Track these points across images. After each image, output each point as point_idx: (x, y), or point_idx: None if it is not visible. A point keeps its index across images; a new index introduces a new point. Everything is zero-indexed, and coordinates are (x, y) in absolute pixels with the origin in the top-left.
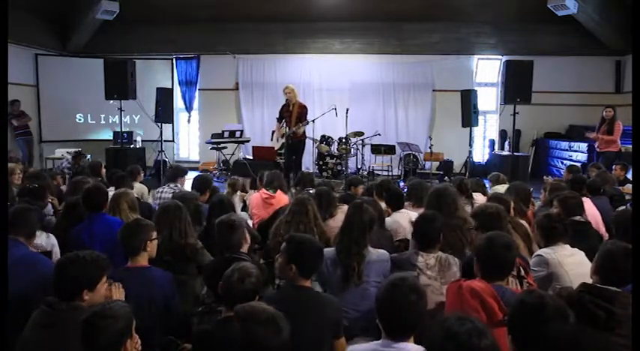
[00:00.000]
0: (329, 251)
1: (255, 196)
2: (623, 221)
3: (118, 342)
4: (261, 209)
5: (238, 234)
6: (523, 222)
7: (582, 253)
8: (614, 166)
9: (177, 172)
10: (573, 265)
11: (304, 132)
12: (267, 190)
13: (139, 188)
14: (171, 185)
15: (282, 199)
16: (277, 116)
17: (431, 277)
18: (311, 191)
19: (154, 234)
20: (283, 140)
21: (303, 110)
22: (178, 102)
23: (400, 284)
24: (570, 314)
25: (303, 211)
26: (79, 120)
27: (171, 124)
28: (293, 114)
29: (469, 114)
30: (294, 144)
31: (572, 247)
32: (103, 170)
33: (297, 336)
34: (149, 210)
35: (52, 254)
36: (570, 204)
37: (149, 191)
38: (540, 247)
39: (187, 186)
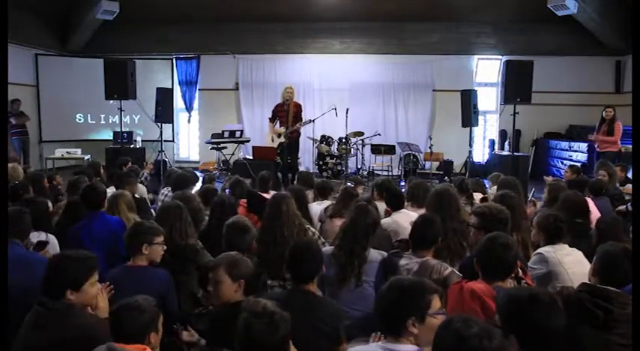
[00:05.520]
0: (328, 250)
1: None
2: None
3: (141, 333)
4: None
5: (249, 237)
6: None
7: (580, 252)
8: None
9: (187, 180)
10: (572, 263)
11: (298, 130)
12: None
13: (138, 188)
14: None
15: None
16: (270, 116)
17: None
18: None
19: (156, 239)
20: (281, 139)
21: (298, 109)
22: (178, 102)
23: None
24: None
25: (278, 212)
26: (79, 120)
27: (171, 124)
28: (290, 113)
29: (469, 114)
30: (291, 144)
31: (571, 247)
32: (102, 170)
33: (293, 338)
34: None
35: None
36: (573, 205)
37: (148, 191)
38: (540, 246)
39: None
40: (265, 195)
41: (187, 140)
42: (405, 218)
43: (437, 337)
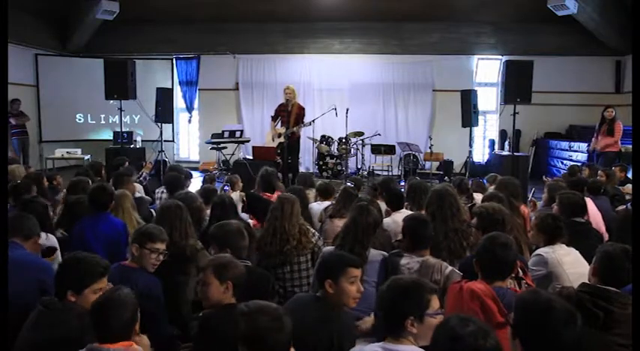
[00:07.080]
0: (328, 250)
1: None
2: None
3: (127, 328)
4: None
5: (245, 240)
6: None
7: (577, 252)
8: (613, 168)
9: (179, 180)
10: (570, 264)
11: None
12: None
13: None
14: None
15: None
16: (272, 114)
17: None
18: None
19: (149, 244)
20: (280, 139)
21: (301, 112)
22: (179, 102)
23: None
24: (579, 318)
25: (281, 214)
26: (79, 120)
27: (171, 124)
28: (292, 115)
29: (469, 114)
30: (291, 144)
31: (568, 246)
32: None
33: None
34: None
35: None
36: (571, 204)
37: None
38: (538, 247)
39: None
40: (267, 195)
41: (187, 140)
42: None
43: (434, 335)
